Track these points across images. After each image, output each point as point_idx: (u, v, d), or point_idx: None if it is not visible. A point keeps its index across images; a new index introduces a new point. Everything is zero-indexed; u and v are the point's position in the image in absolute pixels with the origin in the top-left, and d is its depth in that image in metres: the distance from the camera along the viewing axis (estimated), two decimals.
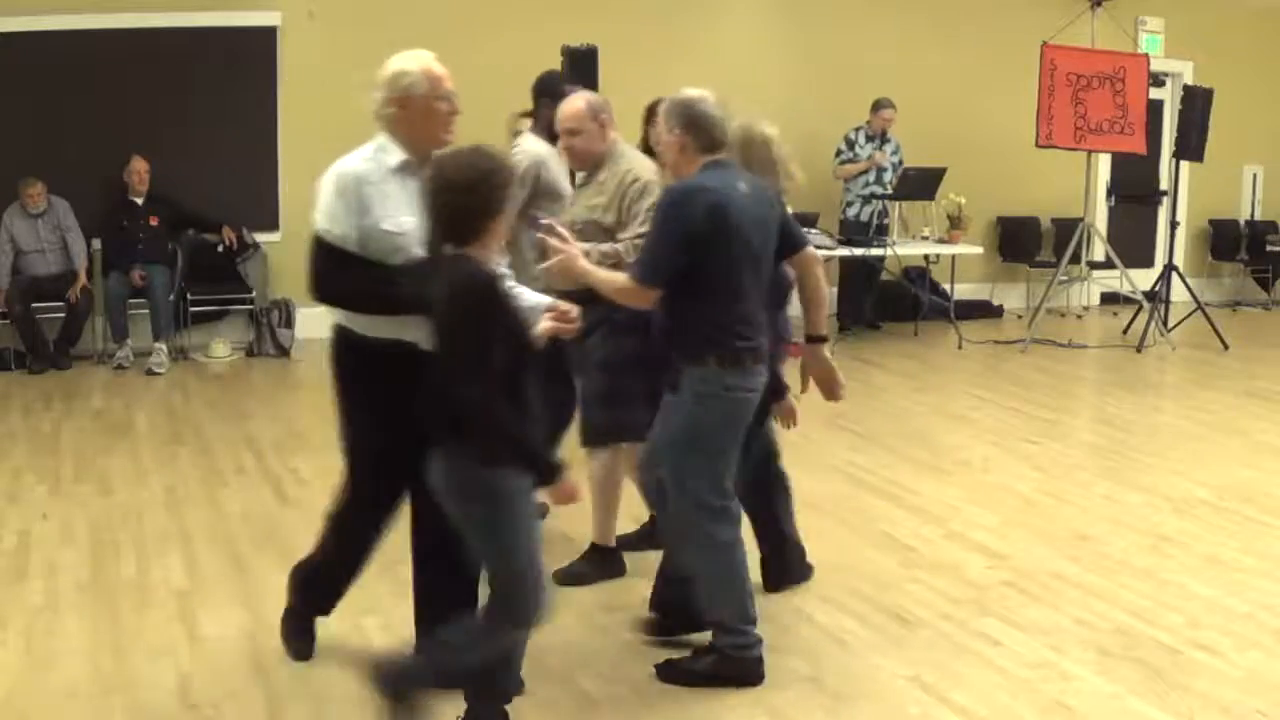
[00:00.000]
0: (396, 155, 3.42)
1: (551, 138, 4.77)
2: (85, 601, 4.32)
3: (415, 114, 3.39)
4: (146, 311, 8.56)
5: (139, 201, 8.66)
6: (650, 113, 4.92)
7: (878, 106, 9.96)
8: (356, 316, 3.44)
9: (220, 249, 8.96)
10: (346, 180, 3.39)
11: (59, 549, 4.85)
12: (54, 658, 3.87)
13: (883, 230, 9.83)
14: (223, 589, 4.48)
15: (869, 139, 9.98)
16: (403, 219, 3.34)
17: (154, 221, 8.68)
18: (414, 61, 3.41)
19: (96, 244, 8.72)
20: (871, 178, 9.98)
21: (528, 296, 3.44)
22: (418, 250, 3.24)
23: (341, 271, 3.38)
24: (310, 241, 3.42)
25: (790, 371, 4.21)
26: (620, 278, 3.69)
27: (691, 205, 3.54)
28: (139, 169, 8.62)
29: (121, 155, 8.60)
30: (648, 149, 4.74)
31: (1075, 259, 10.28)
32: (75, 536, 5.00)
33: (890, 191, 9.95)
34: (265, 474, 5.97)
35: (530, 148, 4.95)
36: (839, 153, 9.98)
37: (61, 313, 8.47)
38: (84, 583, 4.50)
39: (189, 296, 8.88)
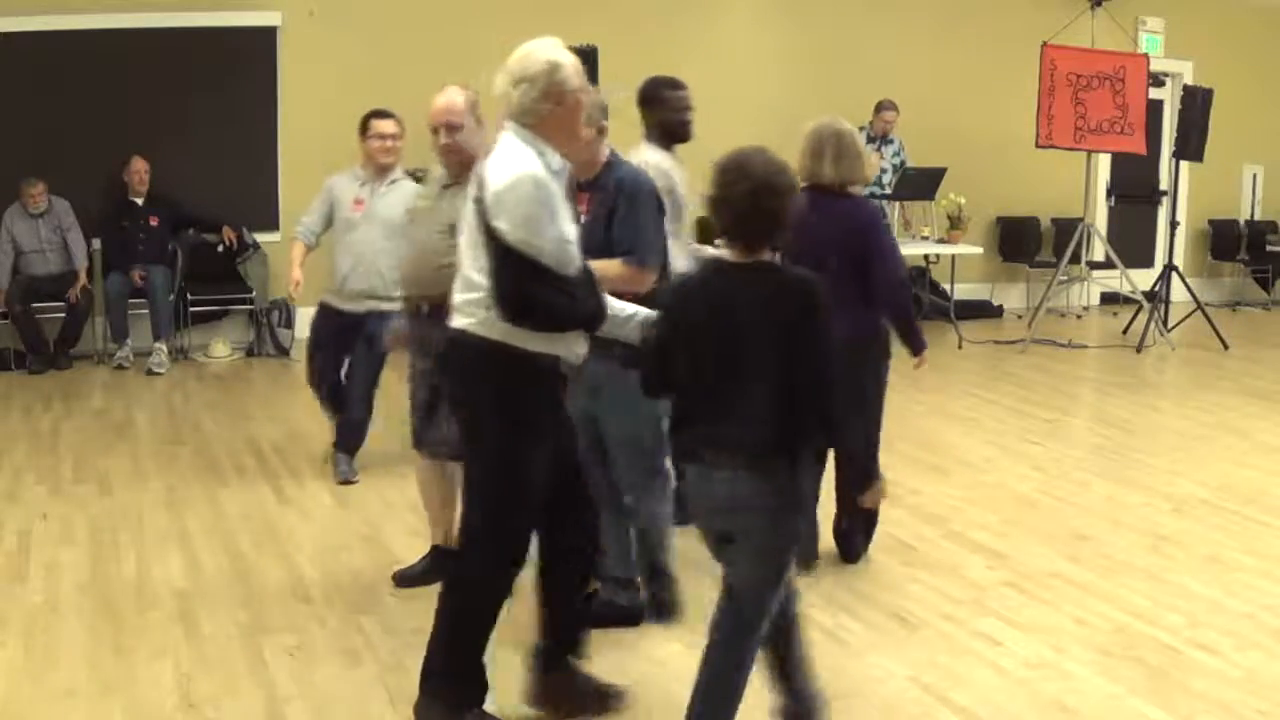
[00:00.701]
0: (555, 157, 3.15)
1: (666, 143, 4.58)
2: (85, 601, 4.32)
3: (569, 111, 3.14)
4: (146, 311, 8.56)
5: (139, 201, 8.66)
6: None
7: (880, 108, 9.97)
8: (526, 333, 3.09)
9: (220, 249, 8.97)
10: (541, 184, 3.06)
11: (59, 549, 4.85)
12: (54, 658, 3.87)
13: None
14: (223, 589, 4.48)
15: (870, 140, 9.99)
16: (570, 228, 3.16)
17: (154, 221, 8.68)
18: (561, 52, 3.16)
19: (96, 244, 8.73)
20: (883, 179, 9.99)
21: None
22: (579, 261, 3.14)
23: (544, 288, 3.05)
24: (496, 255, 3.06)
25: None
26: (615, 265, 3.71)
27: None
28: (139, 169, 8.62)
29: (121, 155, 8.61)
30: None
31: (1075, 259, 10.28)
32: (75, 536, 5.00)
33: (889, 192, 9.95)
34: (265, 474, 5.97)
35: (654, 158, 4.50)
36: None
37: (61, 313, 8.47)
38: (84, 583, 4.50)
39: (189, 296, 8.88)
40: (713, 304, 2.97)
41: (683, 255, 4.32)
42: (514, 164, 3.07)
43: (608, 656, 3.73)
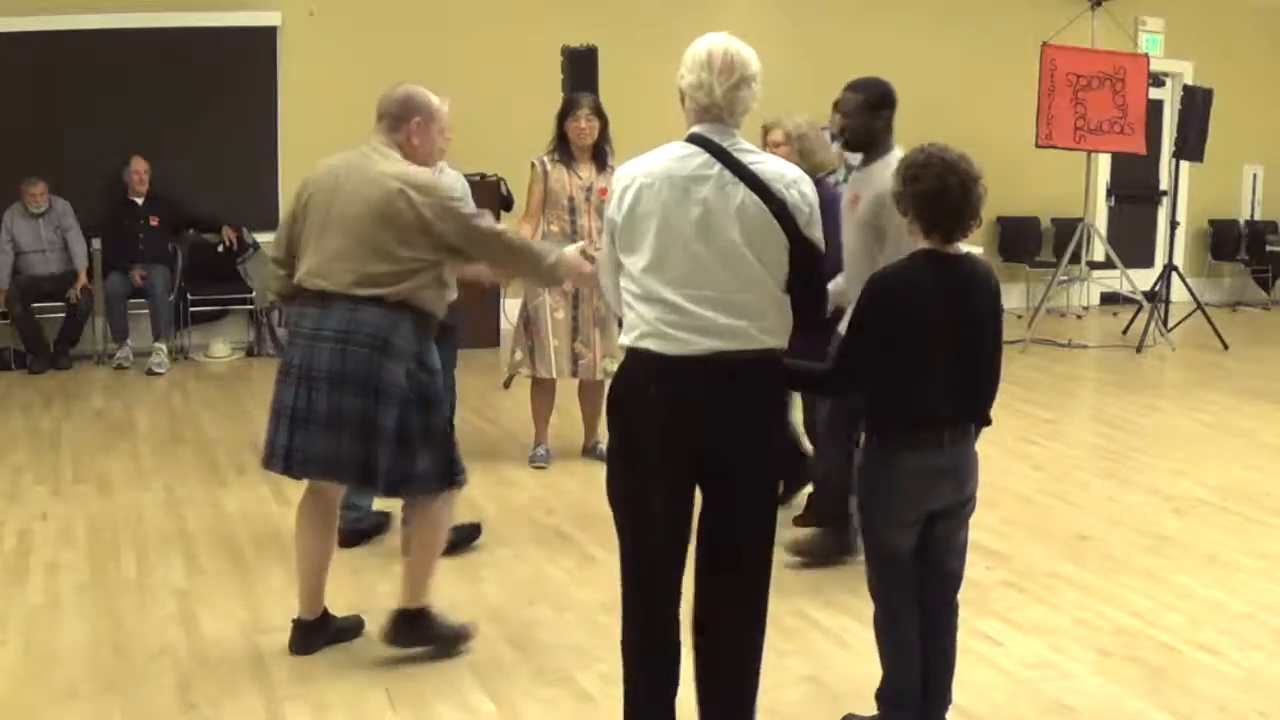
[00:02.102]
0: None
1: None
2: (85, 601, 4.32)
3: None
4: (146, 311, 8.56)
5: (139, 201, 8.66)
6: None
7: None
8: (677, 333, 2.87)
9: (220, 249, 8.96)
10: None
11: (59, 549, 4.85)
12: (54, 658, 3.86)
13: None
14: (223, 589, 4.48)
15: (833, 138, 9.93)
16: None
17: (154, 221, 8.68)
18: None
19: (96, 244, 8.72)
20: (841, 175, 9.92)
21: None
22: None
23: None
24: (806, 257, 2.92)
25: None
26: None
27: None
28: (139, 169, 8.61)
29: (122, 155, 8.60)
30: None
31: (1075, 259, 10.28)
32: (75, 536, 5.00)
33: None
34: (265, 474, 5.90)
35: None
36: None
37: (61, 313, 8.47)
38: (84, 583, 4.50)
39: (189, 296, 8.88)
40: (949, 293, 3.12)
41: None
42: (789, 165, 3.02)
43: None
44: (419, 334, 3.70)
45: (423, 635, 3.87)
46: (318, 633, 3.94)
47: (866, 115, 4.35)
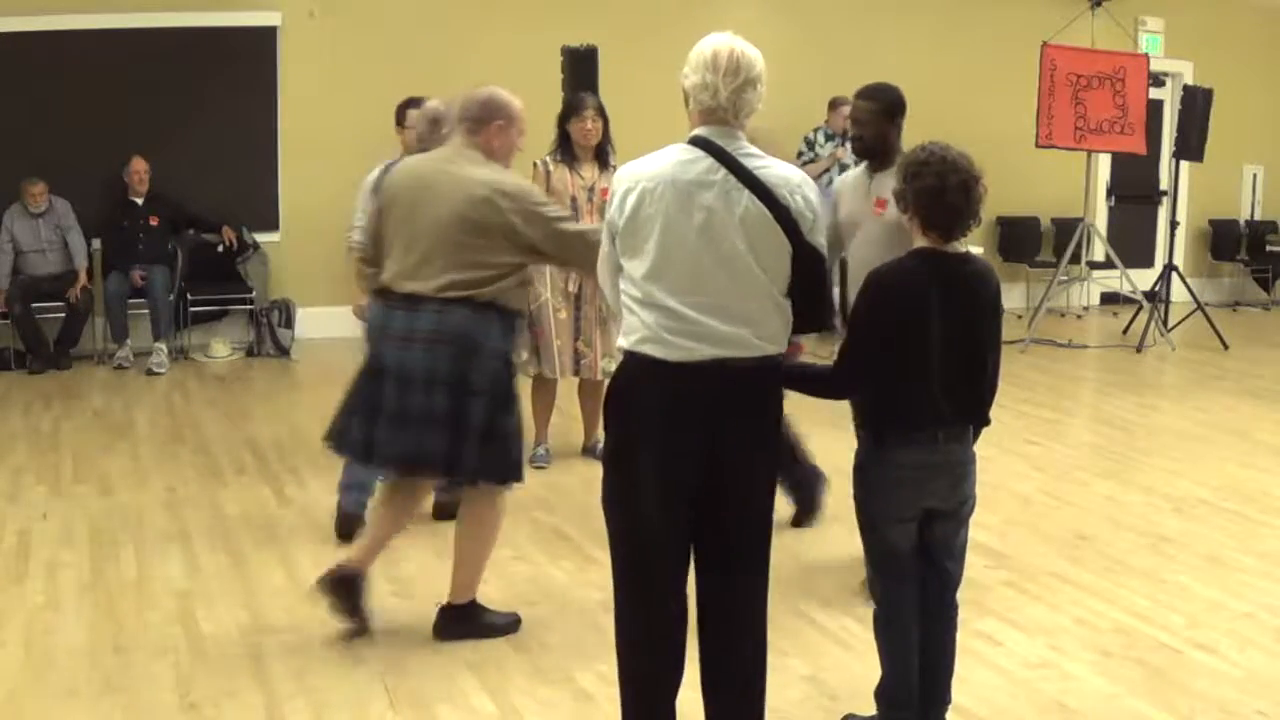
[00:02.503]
0: None
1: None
2: (85, 601, 4.32)
3: None
4: (146, 311, 8.56)
5: (139, 201, 8.66)
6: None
7: (836, 104, 9.85)
8: (678, 340, 2.86)
9: (220, 249, 8.96)
10: None
11: (59, 549, 4.85)
12: (54, 658, 3.87)
13: None
14: (223, 589, 4.48)
15: (829, 138, 9.93)
16: None
17: (154, 221, 8.68)
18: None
19: (96, 244, 8.72)
20: (836, 175, 9.92)
21: None
22: None
23: None
24: (809, 263, 2.92)
25: None
26: None
27: None
28: (139, 169, 8.61)
29: (122, 155, 8.60)
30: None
31: (1075, 259, 10.28)
32: (75, 536, 5.00)
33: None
34: (265, 474, 5.97)
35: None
36: (800, 154, 9.90)
37: (61, 313, 8.46)
38: (84, 583, 4.50)
39: (189, 296, 8.87)
40: (948, 292, 3.12)
41: None
42: (798, 170, 3.01)
43: None
44: (506, 332, 3.83)
45: (474, 628, 4.00)
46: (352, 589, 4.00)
47: (883, 122, 4.28)
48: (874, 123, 4.29)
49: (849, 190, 4.44)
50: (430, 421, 3.73)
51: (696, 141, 2.91)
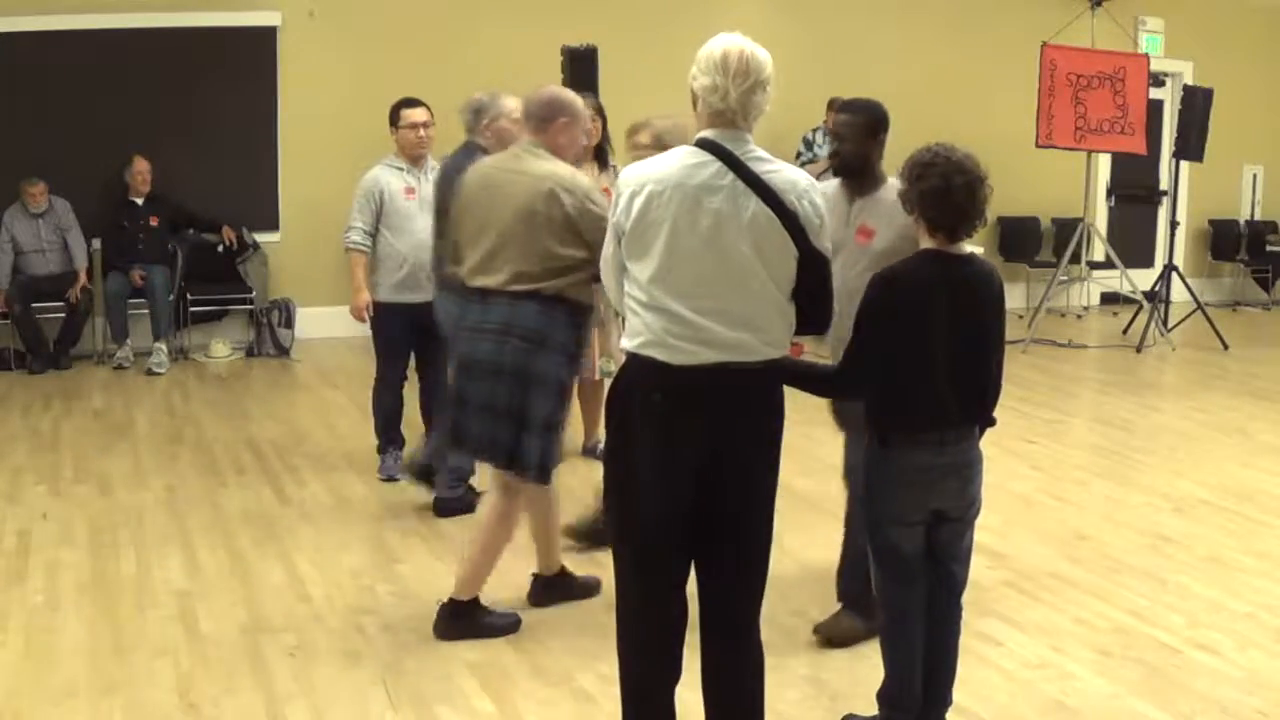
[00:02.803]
0: None
1: None
2: (85, 601, 4.33)
3: None
4: (146, 311, 8.56)
5: (139, 202, 8.66)
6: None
7: (835, 104, 9.88)
8: (682, 344, 2.87)
9: (220, 249, 8.97)
10: None
11: (59, 549, 4.85)
12: (54, 658, 3.87)
13: None
14: (223, 589, 4.48)
15: (827, 138, 9.94)
16: None
17: (154, 221, 8.67)
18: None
19: (96, 244, 8.72)
20: (832, 175, 9.90)
21: None
22: None
23: None
24: (815, 268, 2.92)
25: None
26: None
27: None
28: (141, 169, 8.61)
29: (122, 155, 8.60)
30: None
31: (1075, 259, 10.27)
32: (75, 536, 5.00)
33: None
34: (265, 474, 5.97)
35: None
36: (798, 154, 9.91)
37: (61, 313, 8.46)
38: (84, 583, 4.50)
39: (189, 296, 8.87)
40: (953, 293, 3.12)
41: None
42: (803, 171, 3.00)
43: None
44: (572, 327, 3.94)
45: (474, 627, 4.09)
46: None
47: (865, 138, 3.94)
48: (855, 138, 3.97)
49: (826, 207, 4.25)
50: (495, 412, 3.87)
51: (704, 144, 2.90)
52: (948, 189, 3.07)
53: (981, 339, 3.20)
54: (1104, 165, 11.58)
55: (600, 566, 4.49)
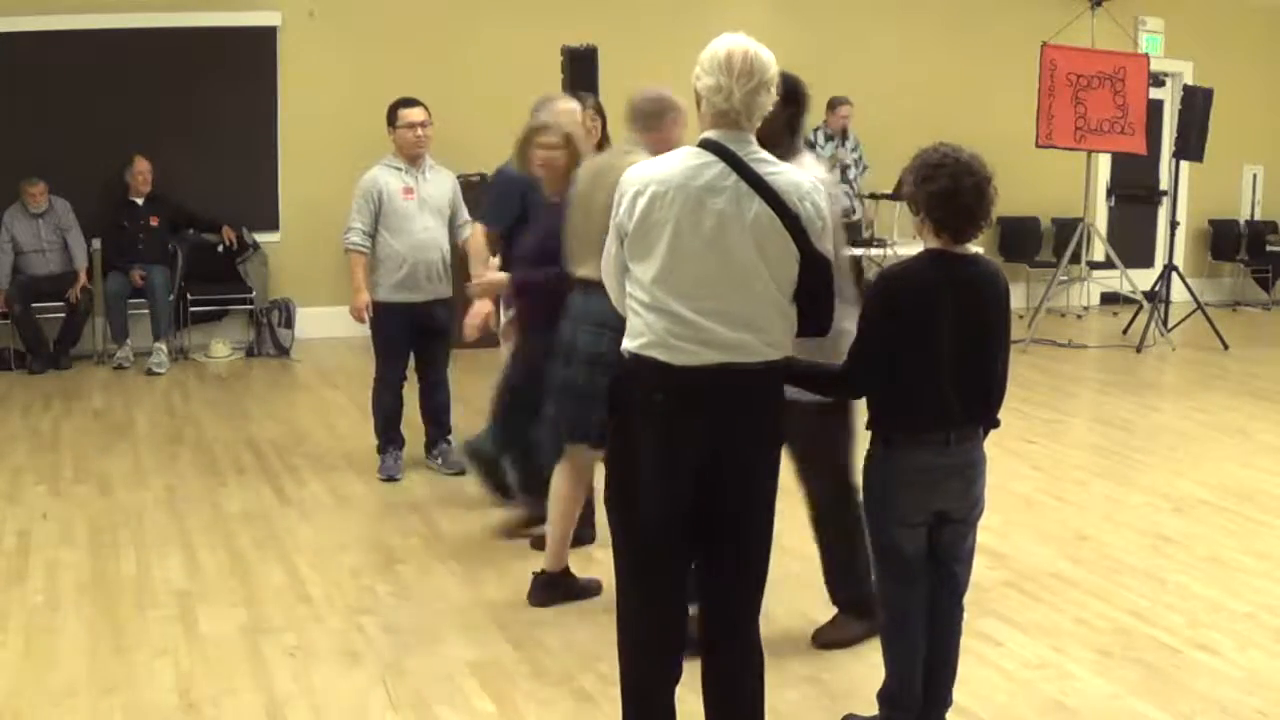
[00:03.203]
0: None
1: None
2: (85, 601, 4.32)
3: None
4: (146, 311, 8.56)
5: (139, 202, 8.66)
6: None
7: (834, 104, 9.84)
8: (684, 345, 2.87)
9: (220, 249, 8.97)
10: None
11: (59, 549, 4.85)
12: (54, 657, 3.87)
13: (856, 228, 9.75)
14: (223, 589, 4.48)
15: (829, 138, 9.93)
16: None
17: (154, 221, 8.68)
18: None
19: (96, 244, 8.72)
20: (836, 176, 9.93)
21: None
22: None
23: None
24: (817, 270, 2.91)
25: None
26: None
27: None
28: (142, 169, 8.61)
29: (122, 155, 8.60)
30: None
31: (1075, 259, 10.27)
32: (75, 536, 5.00)
33: (857, 189, 9.89)
34: (265, 474, 5.96)
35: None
36: None
37: (61, 313, 8.47)
38: (84, 583, 4.50)
39: (189, 296, 8.88)
40: (957, 293, 3.12)
41: None
42: (805, 173, 2.99)
43: None
44: None
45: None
46: (557, 587, 4.37)
47: (777, 112, 3.54)
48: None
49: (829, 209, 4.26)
50: (593, 397, 3.93)
51: (707, 145, 2.89)
52: (956, 190, 3.06)
53: (986, 339, 3.19)
54: (1104, 165, 11.58)
55: (602, 568, 4.49)
